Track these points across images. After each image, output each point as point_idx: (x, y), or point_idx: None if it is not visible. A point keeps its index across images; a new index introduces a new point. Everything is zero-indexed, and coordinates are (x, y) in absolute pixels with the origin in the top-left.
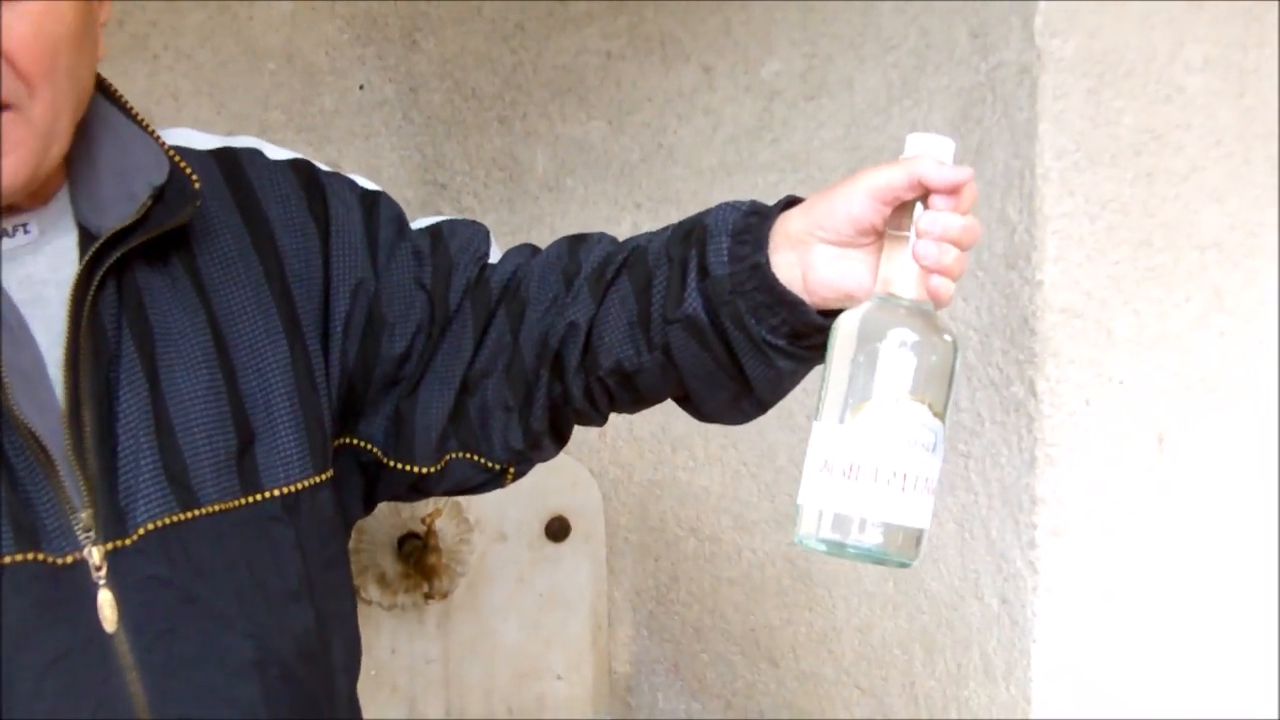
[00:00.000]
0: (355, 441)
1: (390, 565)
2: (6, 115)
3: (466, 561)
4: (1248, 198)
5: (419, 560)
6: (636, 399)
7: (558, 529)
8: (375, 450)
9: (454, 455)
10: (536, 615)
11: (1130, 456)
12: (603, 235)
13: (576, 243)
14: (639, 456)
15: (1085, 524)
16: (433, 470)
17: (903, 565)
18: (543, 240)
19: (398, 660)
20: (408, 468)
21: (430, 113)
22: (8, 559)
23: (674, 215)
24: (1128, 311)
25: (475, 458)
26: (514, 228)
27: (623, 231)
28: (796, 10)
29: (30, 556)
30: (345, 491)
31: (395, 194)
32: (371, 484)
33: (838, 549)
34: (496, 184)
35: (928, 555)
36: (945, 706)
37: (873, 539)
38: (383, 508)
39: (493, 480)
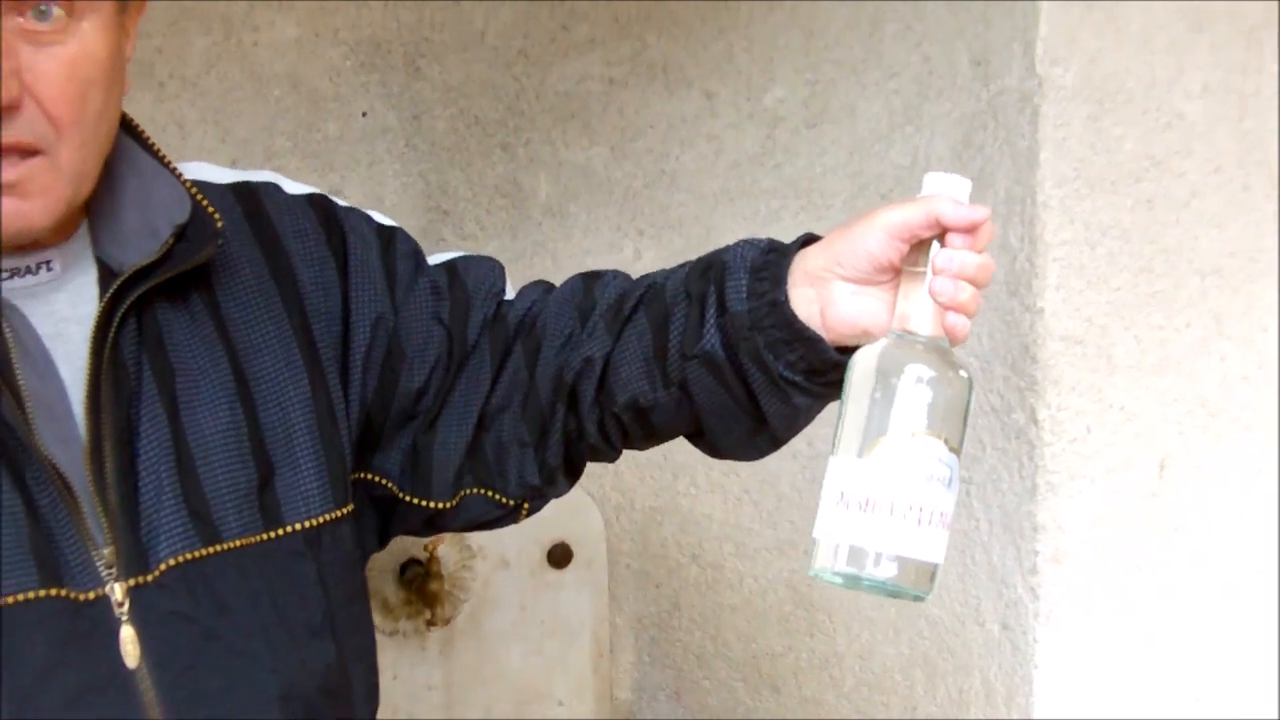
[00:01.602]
0: (370, 476)
1: (392, 591)
2: (35, 161)
3: (469, 588)
4: (1248, 223)
5: (421, 587)
6: (650, 434)
7: (560, 556)
8: (390, 485)
9: (469, 491)
10: (538, 642)
11: (1132, 483)
12: (617, 272)
13: (591, 280)
14: (641, 483)
15: (1086, 551)
16: (448, 505)
17: (917, 599)
18: (545, 267)
19: (399, 687)
20: (423, 503)
21: (433, 139)
22: (31, 594)
23: (676, 241)
24: (1129, 338)
25: (490, 493)
26: (516, 254)
27: (625, 257)
28: (799, 37)
29: (53, 592)
30: (360, 526)
31: (398, 221)
32: (386, 519)
33: (853, 582)
34: (499, 210)
35: None
36: None
37: (887, 572)
38: None
39: (507, 516)
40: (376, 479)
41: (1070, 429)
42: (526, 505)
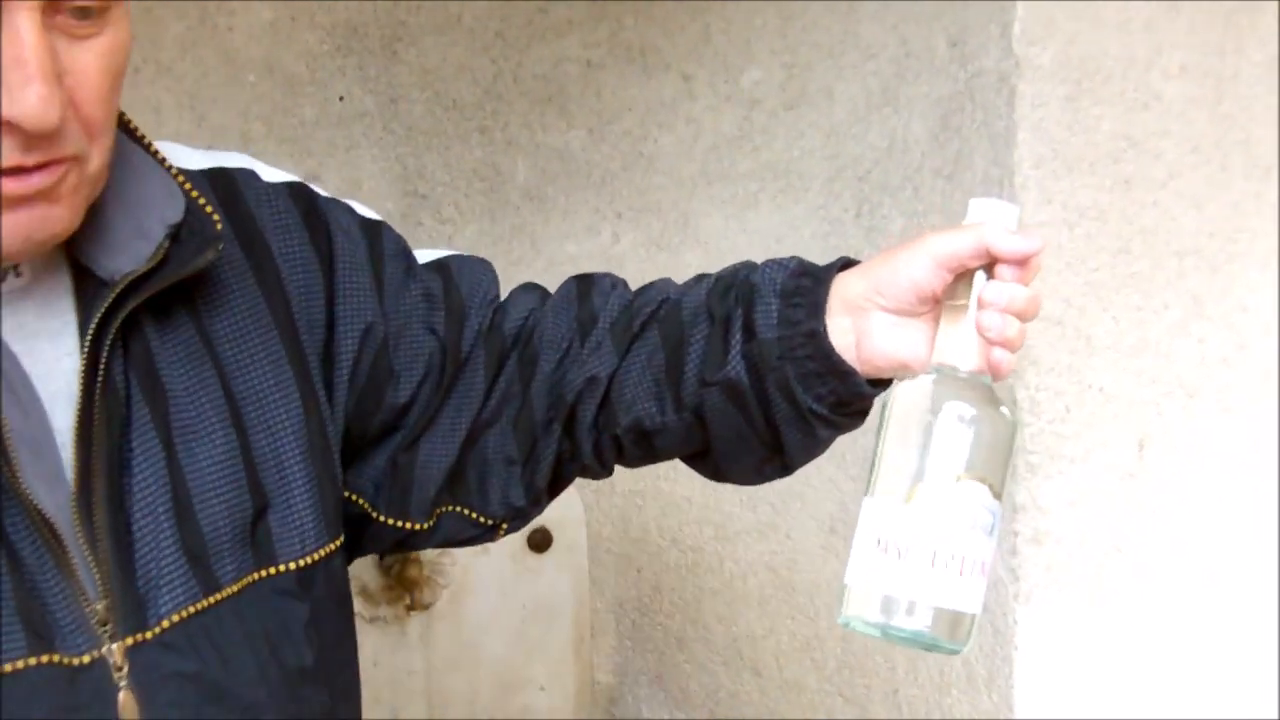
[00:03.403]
0: (344, 494)
1: (372, 577)
2: (69, 167)
3: (449, 573)
4: (1226, 204)
5: (401, 572)
6: (649, 456)
7: (540, 540)
8: (364, 504)
9: (446, 509)
10: (519, 627)
11: (1111, 464)
12: (615, 279)
13: (586, 285)
14: (620, 467)
15: (1066, 531)
16: (424, 526)
17: (953, 652)
18: (523, 250)
19: (380, 672)
20: (398, 523)
21: (411, 123)
22: (21, 663)
23: (654, 224)
24: (1107, 319)
25: (468, 512)
26: (495, 238)
27: (602, 241)
28: (776, 19)
29: (45, 659)
30: None
31: (376, 206)
32: (356, 538)
33: (885, 631)
34: (477, 194)
35: None
36: (928, 714)
37: (922, 623)
38: None
39: (484, 535)
40: (351, 497)
41: (1049, 409)
42: (505, 525)
